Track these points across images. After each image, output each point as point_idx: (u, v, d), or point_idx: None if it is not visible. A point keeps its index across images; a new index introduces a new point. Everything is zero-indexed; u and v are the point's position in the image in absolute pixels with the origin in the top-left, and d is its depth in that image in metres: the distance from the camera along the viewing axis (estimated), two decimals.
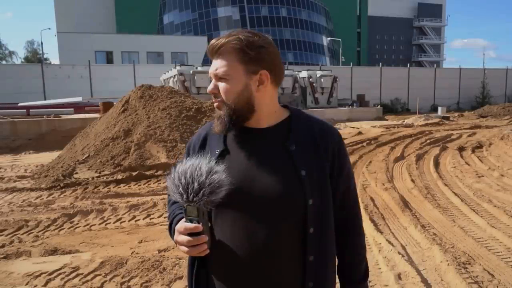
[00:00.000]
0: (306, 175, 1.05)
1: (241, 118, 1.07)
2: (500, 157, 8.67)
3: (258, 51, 1.04)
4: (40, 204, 5.53)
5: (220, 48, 1.06)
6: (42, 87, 23.35)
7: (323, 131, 1.13)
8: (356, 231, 1.20)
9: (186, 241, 0.98)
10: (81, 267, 3.36)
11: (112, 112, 9.65)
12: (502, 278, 3.07)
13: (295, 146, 1.08)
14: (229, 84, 1.06)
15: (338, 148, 1.13)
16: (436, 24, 61.74)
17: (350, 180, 1.17)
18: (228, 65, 1.05)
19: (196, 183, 0.96)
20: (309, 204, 1.04)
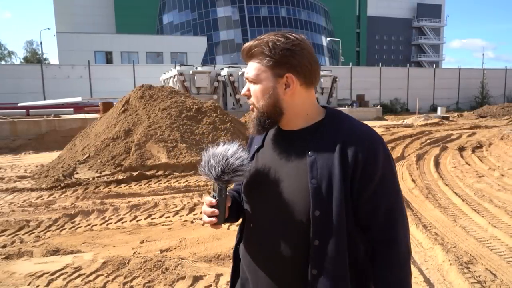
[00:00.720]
0: (317, 185, 1.00)
1: (271, 121, 1.10)
2: (500, 157, 8.69)
3: (283, 54, 1.03)
4: (41, 204, 5.52)
5: (249, 52, 1.09)
6: (41, 87, 23.34)
7: (351, 137, 1.02)
8: (386, 260, 1.02)
9: (204, 211, 1.12)
10: (83, 267, 3.35)
11: (112, 112, 9.64)
12: (504, 278, 3.08)
13: (313, 153, 1.03)
14: (258, 87, 1.08)
15: (366, 161, 0.99)
16: (435, 24, 61.82)
17: (382, 199, 1.01)
18: (256, 69, 1.08)
19: (224, 161, 1.07)
20: (315, 216, 1.00)
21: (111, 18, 42.57)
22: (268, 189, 1.09)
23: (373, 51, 59.50)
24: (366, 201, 1.01)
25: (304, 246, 1.02)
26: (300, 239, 1.02)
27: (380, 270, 1.02)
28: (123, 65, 27.71)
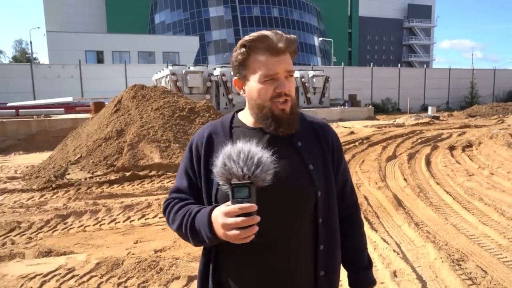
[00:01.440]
0: (314, 169, 1.11)
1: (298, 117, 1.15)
2: (490, 156, 8.82)
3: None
4: (32, 205, 5.46)
5: (290, 46, 1.08)
6: (31, 87, 23.03)
7: (323, 128, 1.21)
8: (357, 220, 1.27)
9: (240, 221, 0.91)
10: (77, 268, 3.32)
11: (104, 112, 9.57)
12: (495, 274, 3.13)
13: (300, 142, 1.14)
14: (293, 81, 1.13)
15: (337, 143, 1.22)
16: (425, 25, 62.49)
17: (347, 173, 1.26)
18: (292, 63, 1.11)
19: (256, 159, 0.95)
20: (318, 196, 1.11)
21: (102, 17, 42.17)
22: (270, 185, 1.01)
23: (365, 51, 59.92)
24: (341, 175, 1.22)
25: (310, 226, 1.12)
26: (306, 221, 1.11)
27: (355, 227, 1.26)
28: (115, 65, 27.47)
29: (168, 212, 1.15)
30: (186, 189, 1.15)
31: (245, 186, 0.93)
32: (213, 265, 1.13)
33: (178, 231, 1.10)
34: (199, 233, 1.02)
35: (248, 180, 0.94)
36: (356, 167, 7.82)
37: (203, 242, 1.03)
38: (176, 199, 1.15)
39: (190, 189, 1.15)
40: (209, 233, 0.99)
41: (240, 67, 1.10)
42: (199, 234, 1.02)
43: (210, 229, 0.99)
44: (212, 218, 0.99)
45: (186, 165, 1.18)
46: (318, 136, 1.17)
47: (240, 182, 0.94)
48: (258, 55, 1.05)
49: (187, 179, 1.16)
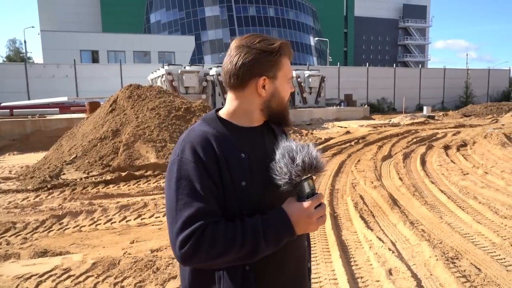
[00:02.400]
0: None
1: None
2: (484, 155, 8.90)
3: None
4: (27, 205, 5.43)
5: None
6: (25, 86, 22.86)
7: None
8: None
9: (324, 210, 1.06)
10: (73, 268, 3.32)
11: (100, 112, 9.53)
12: (488, 272, 3.17)
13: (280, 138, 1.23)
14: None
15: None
16: (420, 25, 62.82)
17: None
18: None
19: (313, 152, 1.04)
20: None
21: (97, 17, 41.96)
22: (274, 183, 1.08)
23: (360, 51, 60.13)
24: None
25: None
26: None
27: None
28: (110, 65, 27.35)
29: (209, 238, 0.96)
30: (217, 211, 1.01)
31: (309, 179, 1.03)
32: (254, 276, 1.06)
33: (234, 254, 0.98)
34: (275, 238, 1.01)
35: (310, 174, 1.03)
36: (352, 167, 7.85)
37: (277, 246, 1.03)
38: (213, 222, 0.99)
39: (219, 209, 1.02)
40: (290, 232, 1.03)
41: (274, 67, 1.13)
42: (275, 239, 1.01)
43: (291, 228, 1.03)
44: (290, 217, 1.03)
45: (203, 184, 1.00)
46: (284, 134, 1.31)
47: (306, 176, 1.03)
48: (285, 58, 1.16)
49: (214, 199, 1.01)
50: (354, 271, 3.24)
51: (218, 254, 0.96)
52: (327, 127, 16.20)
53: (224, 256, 0.97)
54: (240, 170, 1.04)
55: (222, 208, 1.03)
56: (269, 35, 1.18)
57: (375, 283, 3.03)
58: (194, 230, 0.95)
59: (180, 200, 0.99)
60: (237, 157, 1.05)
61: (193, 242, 0.95)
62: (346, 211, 4.94)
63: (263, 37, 1.13)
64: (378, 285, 3.00)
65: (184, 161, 1.02)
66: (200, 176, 1.00)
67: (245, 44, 1.10)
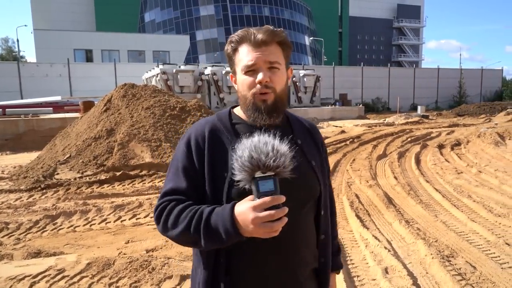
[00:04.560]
0: (316, 165, 1.17)
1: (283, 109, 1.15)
2: (478, 154, 8.97)
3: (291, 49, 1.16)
4: (20, 206, 5.36)
5: (272, 37, 1.09)
6: (18, 86, 22.64)
7: (314, 128, 1.29)
8: (333, 211, 1.33)
9: (274, 213, 0.89)
10: (67, 269, 3.28)
11: (94, 111, 9.46)
12: (483, 270, 3.19)
13: (301, 140, 1.18)
14: (280, 73, 1.11)
15: (324, 144, 1.30)
16: (414, 25, 63.19)
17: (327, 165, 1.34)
18: (279, 55, 1.11)
19: (275, 150, 0.93)
20: (321, 190, 1.17)
21: (91, 16, 41.65)
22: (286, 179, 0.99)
23: (355, 50, 60.34)
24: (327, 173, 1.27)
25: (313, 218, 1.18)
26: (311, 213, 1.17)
27: (334, 218, 1.33)
28: (104, 64, 27.16)
29: (165, 215, 1.04)
30: (186, 190, 1.07)
31: (269, 178, 0.91)
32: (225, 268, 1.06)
33: (181, 236, 1.01)
34: (217, 232, 0.96)
35: (272, 172, 0.92)
36: (347, 166, 7.87)
37: (220, 242, 0.97)
38: (174, 201, 1.05)
39: (191, 190, 1.07)
40: (233, 231, 0.94)
41: (230, 62, 1.15)
42: (217, 233, 0.96)
43: (234, 226, 0.94)
44: (236, 214, 0.94)
45: (184, 164, 1.09)
46: (312, 136, 1.24)
47: (265, 174, 0.91)
48: (242, 48, 1.09)
49: (186, 179, 1.08)
50: (351, 269, 3.25)
51: (177, 232, 1.01)
52: (322, 126, 16.24)
53: (182, 235, 1.01)
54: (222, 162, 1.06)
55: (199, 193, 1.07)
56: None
57: (371, 282, 3.03)
58: (161, 203, 1.07)
59: (167, 176, 1.14)
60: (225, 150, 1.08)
61: (157, 214, 1.06)
62: (342, 210, 4.95)
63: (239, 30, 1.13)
64: (375, 283, 3.00)
65: (179, 145, 1.14)
66: (183, 160, 1.10)
67: None
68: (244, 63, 1.08)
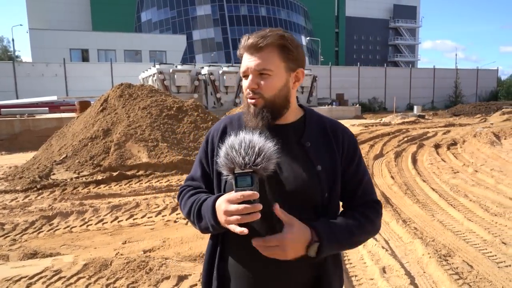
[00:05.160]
0: (321, 170, 1.10)
1: (278, 114, 1.12)
2: (474, 153, 9.02)
3: (298, 50, 1.12)
4: (16, 206, 5.33)
5: (264, 44, 1.07)
6: (14, 85, 22.50)
7: (333, 127, 1.19)
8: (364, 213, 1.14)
9: (242, 208, 0.94)
10: (64, 270, 3.25)
11: (90, 111, 9.41)
12: (480, 269, 3.20)
13: (309, 143, 1.13)
14: (271, 79, 1.09)
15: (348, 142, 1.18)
16: (410, 25, 63.46)
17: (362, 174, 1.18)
18: (271, 61, 1.08)
19: (257, 147, 0.98)
20: (325, 198, 1.10)
21: (87, 15, 41.47)
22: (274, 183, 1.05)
23: (352, 51, 60.50)
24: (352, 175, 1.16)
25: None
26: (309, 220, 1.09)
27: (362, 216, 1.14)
28: (100, 63, 27.06)
29: (181, 198, 1.22)
30: (199, 178, 1.22)
31: (247, 175, 0.96)
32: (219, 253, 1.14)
33: (187, 217, 1.17)
34: (204, 220, 1.08)
35: (250, 169, 0.96)
36: None
37: (207, 229, 1.08)
38: (190, 187, 1.23)
39: (203, 179, 1.21)
40: (213, 220, 1.04)
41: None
42: (204, 221, 1.08)
43: (214, 216, 1.03)
44: (216, 206, 1.03)
45: (200, 155, 1.23)
46: (328, 136, 1.15)
47: (242, 171, 0.96)
48: (244, 54, 1.12)
49: (200, 169, 1.22)
50: (348, 269, 3.25)
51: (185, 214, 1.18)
52: None
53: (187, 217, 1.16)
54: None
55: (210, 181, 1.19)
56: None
57: (369, 281, 3.04)
58: (181, 187, 1.27)
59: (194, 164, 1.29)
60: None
61: (178, 197, 1.26)
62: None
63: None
64: (372, 283, 3.01)
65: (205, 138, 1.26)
66: (200, 152, 1.24)
67: None
68: (241, 69, 1.13)
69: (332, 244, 1.04)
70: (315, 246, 1.01)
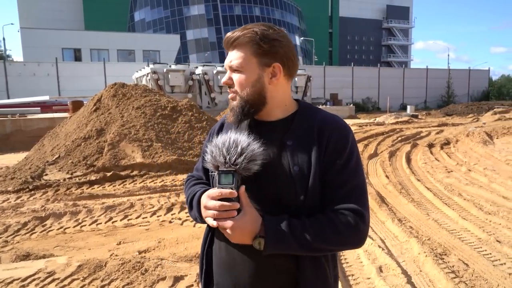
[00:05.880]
0: (299, 172, 1.03)
1: (253, 110, 1.11)
2: (467, 153, 9.10)
3: (272, 44, 1.07)
4: (7, 207, 5.24)
5: (236, 40, 1.09)
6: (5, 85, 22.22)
7: (324, 125, 1.08)
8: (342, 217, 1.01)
9: (218, 206, 0.98)
10: (57, 271, 3.20)
11: (83, 111, 9.32)
12: (476, 267, 3.22)
13: (292, 141, 1.07)
14: (243, 75, 1.10)
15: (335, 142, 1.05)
16: (403, 25, 63.92)
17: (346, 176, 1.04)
18: (242, 57, 1.09)
19: (239, 148, 1.00)
20: (300, 200, 1.03)
21: (79, 14, 41.08)
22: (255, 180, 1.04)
23: (345, 51, 60.75)
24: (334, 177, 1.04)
25: None
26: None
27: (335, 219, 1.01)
28: (93, 63, 26.82)
29: (185, 187, 1.30)
30: (201, 170, 1.28)
31: (229, 173, 0.99)
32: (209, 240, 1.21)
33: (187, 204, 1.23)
34: (193, 210, 1.15)
35: (232, 168, 0.99)
36: None
37: (196, 219, 1.16)
38: (193, 177, 1.30)
39: (204, 170, 1.26)
40: (197, 212, 1.12)
41: None
42: (193, 211, 1.16)
43: (198, 208, 1.11)
44: (201, 200, 1.08)
45: (203, 149, 1.23)
46: (313, 133, 1.06)
47: (225, 169, 1.00)
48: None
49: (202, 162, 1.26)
50: (345, 268, 3.24)
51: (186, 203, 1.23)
52: None
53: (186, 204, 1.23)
54: None
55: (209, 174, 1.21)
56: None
57: (366, 281, 3.03)
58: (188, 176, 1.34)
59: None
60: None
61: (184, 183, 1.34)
62: None
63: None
64: (369, 282, 3.01)
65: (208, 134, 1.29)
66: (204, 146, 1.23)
67: None
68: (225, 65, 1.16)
69: (279, 244, 0.98)
70: (261, 240, 0.98)
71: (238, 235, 0.99)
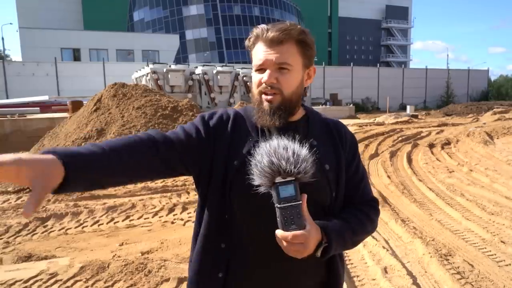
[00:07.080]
0: (330, 169, 1.07)
1: (292, 111, 1.07)
2: (467, 153, 9.09)
3: (314, 47, 1.09)
4: (8, 208, 5.21)
5: (286, 37, 1.02)
6: (4, 85, 22.15)
7: (336, 125, 1.17)
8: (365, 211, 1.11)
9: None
10: (60, 273, 3.18)
11: (83, 111, 9.28)
12: (481, 268, 3.20)
13: (316, 141, 1.08)
14: (290, 75, 1.04)
15: (350, 141, 1.17)
16: (402, 25, 63.96)
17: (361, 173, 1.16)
18: (291, 55, 1.03)
19: (296, 153, 0.91)
20: (333, 197, 1.08)
21: (78, 14, 40.98)
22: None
23: (345, 51, 60.76)
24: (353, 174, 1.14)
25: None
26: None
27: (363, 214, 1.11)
28: (92, 63, 26.77)
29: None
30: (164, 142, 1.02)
31: (290, 184, 0.89)
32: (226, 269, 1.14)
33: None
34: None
35: (292, 177, 0.90)
36: None
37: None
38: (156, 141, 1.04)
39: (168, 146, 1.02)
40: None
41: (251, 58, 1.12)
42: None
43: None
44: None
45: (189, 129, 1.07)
46: (332, 134, 1.13)
47: (285, 180, 0.89)
48: (257, 45, 1.06)
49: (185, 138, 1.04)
50: (350, 270, 3.22)
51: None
52: None
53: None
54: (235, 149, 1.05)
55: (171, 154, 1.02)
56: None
57: (371, 282, 3.01)
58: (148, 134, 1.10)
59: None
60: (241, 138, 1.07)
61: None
62: None
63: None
64: (375, 283, 2.99)
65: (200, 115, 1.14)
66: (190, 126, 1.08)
67: None
68: (255, 62, 1.06)
69: (338, 245, 1.01)
70: (323, 247, 0.97)
71: (310, 250, 0.92)
